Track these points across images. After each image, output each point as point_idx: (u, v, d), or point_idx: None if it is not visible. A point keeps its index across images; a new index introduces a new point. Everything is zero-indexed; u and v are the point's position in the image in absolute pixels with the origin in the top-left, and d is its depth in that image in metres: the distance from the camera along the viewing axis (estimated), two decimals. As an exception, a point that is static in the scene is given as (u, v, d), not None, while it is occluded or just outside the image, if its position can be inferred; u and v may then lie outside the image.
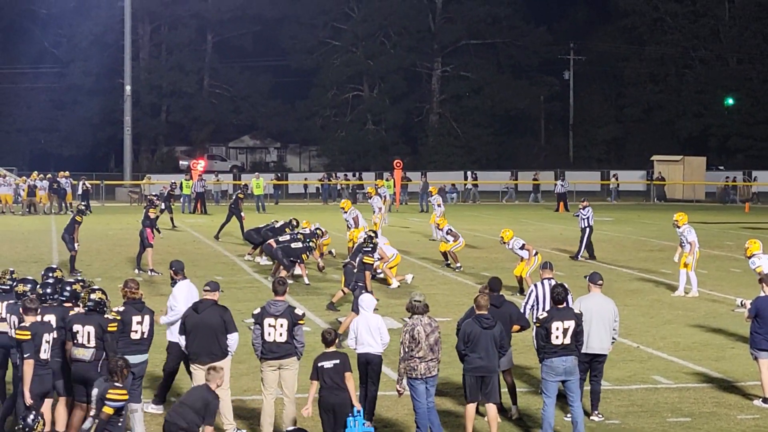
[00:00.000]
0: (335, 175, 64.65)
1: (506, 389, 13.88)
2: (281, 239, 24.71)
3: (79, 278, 14.41)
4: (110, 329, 12.15)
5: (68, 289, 12.84)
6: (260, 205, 49.92)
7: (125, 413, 10.73)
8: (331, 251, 28.36)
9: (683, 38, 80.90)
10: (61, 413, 12.45)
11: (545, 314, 12.78)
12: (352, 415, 11.61)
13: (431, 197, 39.55)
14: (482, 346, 12.41)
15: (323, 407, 11.85)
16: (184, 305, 13.72)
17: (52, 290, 12.81)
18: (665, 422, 13.62)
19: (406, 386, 12.59)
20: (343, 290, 20.51)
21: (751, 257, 19.77)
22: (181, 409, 10.66)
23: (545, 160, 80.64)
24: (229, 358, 12.83)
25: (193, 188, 50.42)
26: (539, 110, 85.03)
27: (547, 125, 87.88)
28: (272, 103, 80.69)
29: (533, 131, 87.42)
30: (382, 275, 24.68)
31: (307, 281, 24.43)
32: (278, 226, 27.43)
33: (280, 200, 58.58)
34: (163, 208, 36.15)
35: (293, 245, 24.20)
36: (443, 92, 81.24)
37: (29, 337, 11.63)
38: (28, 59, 75.05)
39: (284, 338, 12.50)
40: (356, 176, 65.52)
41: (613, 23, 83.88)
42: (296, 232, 25.43)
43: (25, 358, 11.60)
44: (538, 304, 14.76)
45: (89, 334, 12.05)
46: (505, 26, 79.59)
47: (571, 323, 12.56)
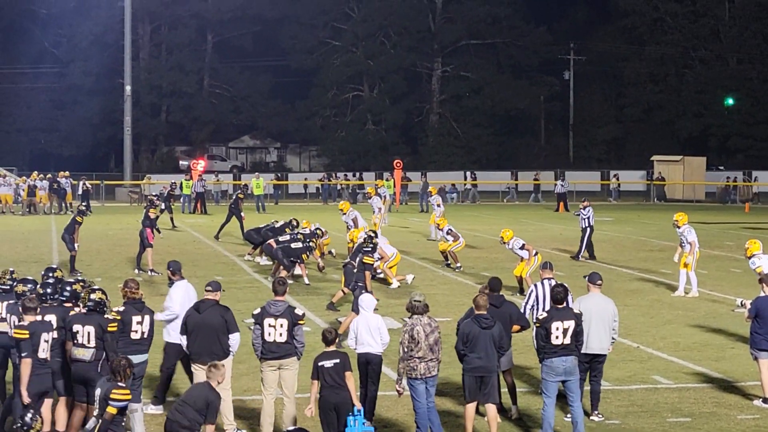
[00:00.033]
0: (335, 175, 64.66)
1: (506, 389, 13.89)
2: (281, 239, 24.72)
3: (79, 278, 14.41)
4: (110, 329, 12.16)
5: (68, 289, 12.85)
6: (260, 205, 49.92)
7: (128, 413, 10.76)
8: (331, 251, 28.37)
9: (683, 38, 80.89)
10: (61, 413, 12.46)
11: (545, 314, 12.78)
12: (352, 414, 11.61)
13: (431, 197, 39.54)
14: (481, 346, 12.41)
15: (325, 406, 11.86)
16: (179, 305, 13.75)
17: (52, 290, 12.82)
18: (665, 422, 13.62)
19: (405, 386, 12.59)
20: (343, 290, 20.52)
21: (751, 257, 19.77)
22: (182, 407, 10.68)
23: (545, 160, 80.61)
24: (230, 358, 12.85)
25: (193, 188, 50.43)
26: (539, 110, 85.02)
27: (547, 125, 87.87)
28: (272, 103, 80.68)
29: (533, 131, 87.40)
30: (382, 275, 24.70)
31: (307, 281, 24.45)
32: (278, 226, 27.43)
33: (280, 200, 58.59)
34: (163, 208, 36.14)
35: (293, 245, 24.22)
36: (443, 92, 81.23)
37: (27, 336, 11.65)
38: (28, 59, 75.06)
39: (284, 338, 12.51)
40: (356, 176, 65.52)
41: (613, 23, 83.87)
42: (296, 232, 25.44)
43: (22, 357, 11.62)
44: (538, 304, 14.76)
45: (89, 334, 12.05)
46: (505, 26, 79.59)
47: (570, 323, 12.56)
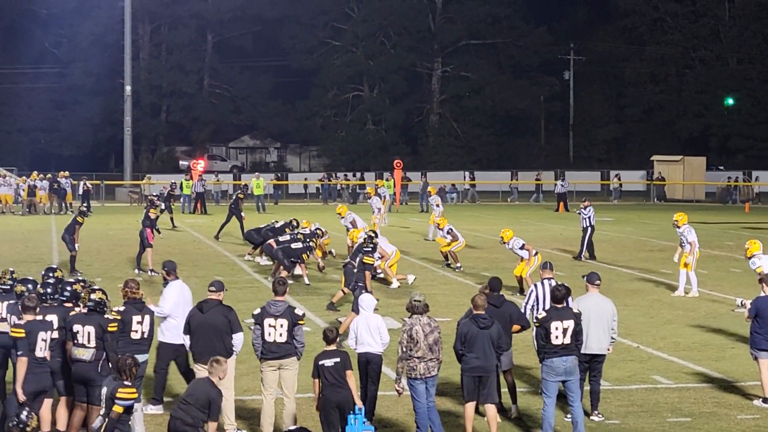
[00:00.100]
0: (335, 175, 64.65)
1: (506, 389, 13.89)
2: (281, 239, 24.73)
3: (79, 278, 14.41)
4: (110, 329, 12.17)
5: (69, 289, 12.86)
6: (260, 205, 49.92)
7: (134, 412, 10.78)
8: (331, 251, 28.34)
9: (683, 38, 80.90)
10: (62, 413, 12.47)
11: (544, 314, 12.78)
12: (353, 413, 11.62)
13: (430, 197, 39.54)
14: (479, 346, 12.41)
15: (326, 405, 11.86)
16: (170, 306, 13.75)
17: (52, 290, 12.83)
18: (665, 422, 13.62)
19: (405, 386, 12.59)
20: (343, 290, 20.53)
21: (751, 258, 19.76)
22: (185, 405, 10.75)
23: (545, 160, 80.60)
24: (233, 357, 12.85)
25: (193, 188, 50.42)
26: (539, 110, 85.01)
27: (547, 125, 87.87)
28: (272, 103, 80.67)
29: (533, 131, 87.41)
30: (382, 275, 24.70)
31: (307, 281, 24.45)
32: (278, 226, 27.43)
33: (280, 200, 58.56)
34: (163, 208, 36.14)
35: (293, 245, 24.22)
36: (443, 92, 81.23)
37: (23, 335, 11.69)
38: (28, 59, 75.08)
39: (284, 338, 12.51)
40: (356, 176, 65.51)
41: (613, 23, 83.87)
42: (296, 232, 25.44)
43: (18, 355, 11.65)
44: (538, 304, 14.75)
45: (89, 334, 12.06)
46: (505, 26, 79.59)
47: (570, 323, 12.55)
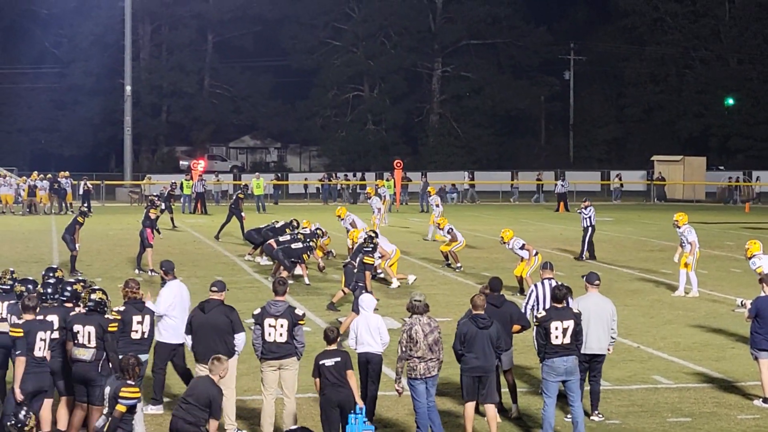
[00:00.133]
0: (335, 175, 64.63)
1: (507, 389, 13.89)
2: (282, 239, 24.73)
3: (79, 278, 14.42)
4: (111, 329, 12.17)
5: (69, 289, 12.86)
6: (260, 205, 49.92)
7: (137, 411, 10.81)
8: (331, 251, 28.29)
9: (683, 38, 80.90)
10: (62, 413, 12.48)
11: (543, 314, 12.77)
12: (354, 412, 11.62)
13: (429, 197, 39.52)
14: (478, 346, 12.41)
15: (327, 404, 11.87)
16: (165, 306, 13.72)
17: (53, 290, 12.83)
18: (665, 422, 13.62)
19: (405, 386, 12.59)
20: (343, 290, 20.53)
21: (751, 258, 19.75)
22: (186, 405, 10.79)
23: (545, 160, 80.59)
24: (235, 357, 12.85)
25: (193, 188, 50.42)
26: (540, 110, 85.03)
27: (547, 125, 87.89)
28: (273, 103, 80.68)
29: (534, 131, 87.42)
30: (382, 275, 24.70)
31: (307, 281, 24.45)
32: (279, 226, 27.43)
33: (280, 200, 58.53)
34: (163, 208, 36.14)
35: (294, 246, 24.22)
36: (444, 92, 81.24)
37: (21, 334, 11.71)
38: (28, 59, 75.08)
39: (284, 338, 12.51)
40: (356, 177, 65.50)
41: (613, 23, 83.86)
42: (297, 232, 25.44)
43: (17, 355, 11.67)
44: (538, 304, 14.75)
45: (90, 334, 12.06)
46: (505, 26, 79.59)
47: (570, 323, 12.54)
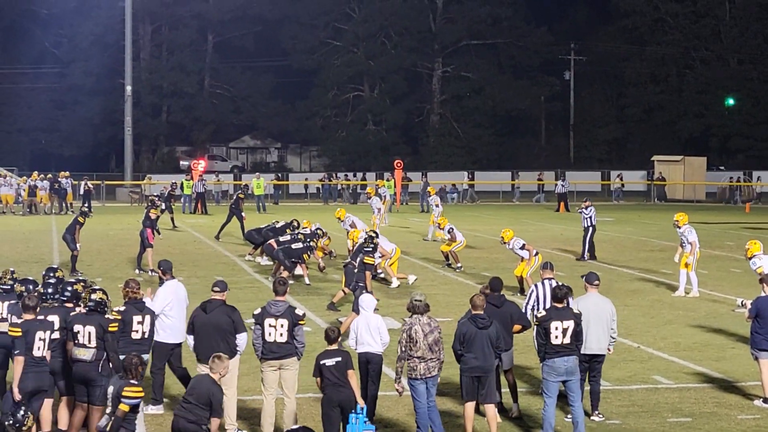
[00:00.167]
0: (336, 175, 64.62)
1: (507, 389, 13.88)
2: (282, 239, 24.73)
3: (80, 278, 14.42)
4: (111, 329, 12.17)
5: (69, 289, 12.86)
6: (261, 205, 49.93)
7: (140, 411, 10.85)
8: (332, 252, 28.24)
9: (684, 38, 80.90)
10: (63, 413, 12.48)
11: (544, 313, 12.77)
12: (354, 411, 11.62)
13: (429, 197, 39.51)
14: (478, 346, 12.41)
15: (328, 404, 11.87)
16: (161, 305, 13.69)
17: (53, 290, 12.83)
18: (666, 422, 13.62)
19: (405, 385, 12.59)
20: (343, 290, 20.53)
21: (751, 258, 19.75)
22: (187, 404, 10.84)
23: (546, 160, 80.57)
24: (237, 358, 12.85)
25: (193, 188, 50.44)
26: (540, 110, 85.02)
27: (547, 125, 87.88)
28: (273, 103, 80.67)
29: (534, 131, 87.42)
30: (382, 275, 24.70)
31: (307, 281, 24.46)
32: (279, 226, 27.42)
33: (280, 200, 58.50)
34: (163, 208, 36.15)
35: (294, 246, 24.22)
36: (444, 92, 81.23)
37: (20, 334, 11.73)
38: (28, 59, 75.08)
39: (285, 338, 12.51)
40: (357, 177, 65.47)
41: (613, 23, 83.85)
42: (297, 232, 25.44)
43: (15, 354, 11.68)
44: (538, 304, 14.74)
45: (90, 334, 12.06)
46: (505, 26, 79.59)
47: (570, 323, 12.54)
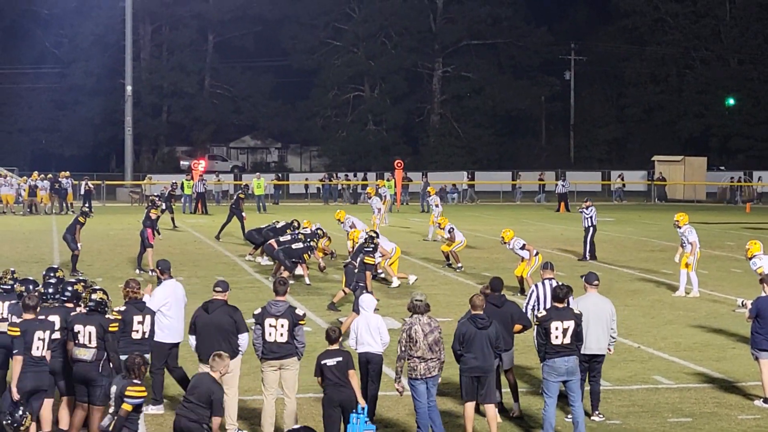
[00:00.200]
0: (336, 175, 64.63)
1: (507, 388, 13.88)
2: (282, 240, 24.74)
3: (80, 278, 14.42)
4: (111, 329, 12.17)
5: (70, 289, 12.87)
6: (261, 205, 49.94)
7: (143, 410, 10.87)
8: (333, 252, 28.21)
9: (684, 38, 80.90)
10: (63, 413, 12.49)
11: (544, 313, 12.77)
12: (355, 411, 11.62)
13: (429, 197, 39.52)
14: (477, 346, 12.41)
15: (329, 404, 11.87)
16: (157, 304, 13.67)
17: (54, 290, 12.84)
18: (666, 422, 13.62)
19: (405, 385, 12.59)
20: (344, 290, 20.54)
21: (751, 258, 19.75)
22: (189, 403, 10.86)
23: (546, 160, 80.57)
24: (239, 358, 12.85)
25: (194, 188, 50.45)
26: (540, 110, 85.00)
27: (548, 125, 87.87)
28: (273, 103, 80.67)
29: (534, 131, 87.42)
30: (383, 275, 24.69)
31: (308, 281, 24.46)
32: (280, 226, 27.42)
33: (280, 200, 58.48)
34: (164, 208, 36.16)
35: (294, 246, 24.22)
36: (444, 92, 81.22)
37: (18, 333, 11.74)
38: (29, 59, 75.08)
39: (285, 338, 12.51)
40: (358, 176, 65.45)
41: (613, 23, 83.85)
42: (297, 232, 25.44)
43: (14, 354, 11.69)
44: (539, 304, 14.73)
45: (90, 334, 12.06)
46: (506, 27, 79.60)
47: (570, 323, 12.53)
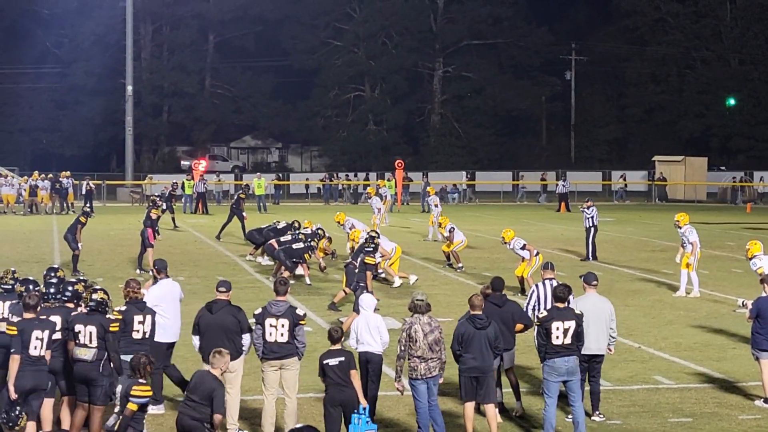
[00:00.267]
0: (336, 175, 64.64)
1: (509, 388, 13.88)
2: (283, 239, 24.75)
3: (81, 278, 14.43)
4: (112, 329, 12.18)
5: (70, 289, 12.88)
6: (261, 205, 49.96)
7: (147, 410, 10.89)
8: (334, 252, 28.22)
9: (685, 39, 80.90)
10: (65, 413, 12.50)
11: (545, 313, 12.77)
12: (357, 412, 11.63)
13: (428, 197, 39.54)
14: (476, 346, 12.41)
15: (330, 404, 11.88)
16: (154, 302, 13.66)
17: (55, 290, 12.84)
18: (666, 422, 13.62)
19: (405, 384, 12.59)
20: (344, 290, 20.55)
21: (752, 258, 19.75)
22: (191, 402, 10.88)
23: (547, 160, 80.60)
24: (242, 358, 12.85)
25: (194, 188, 50.46)
26: (541, 110, 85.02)
27: (548, 125, 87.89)
28: (274, 103, 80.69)
29: (535, 131, 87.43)
30: (383, 275, 24.69)
31: (308, 281, 24.47)
32: (280, 227, 27.43)
33: (281, 200, 58.49)
34: (165, 208, 36.17)
35: (295, 246, 24.23)
36: (445, 92, 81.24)
37: (15, 332, 11.74)
38: (30, 59, 75.08)
39: (285, 338, 12.51)
40: (358, 176, 65.45)
41: (614, 23, 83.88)
42: (298, 232, 25.46)
43: (11, 353, 11.70)
44: (539, 304, 14.74)
45: (91, 334, 12.07)
46: (506, 26, 79.62)
47: (571, 323, 12.53)
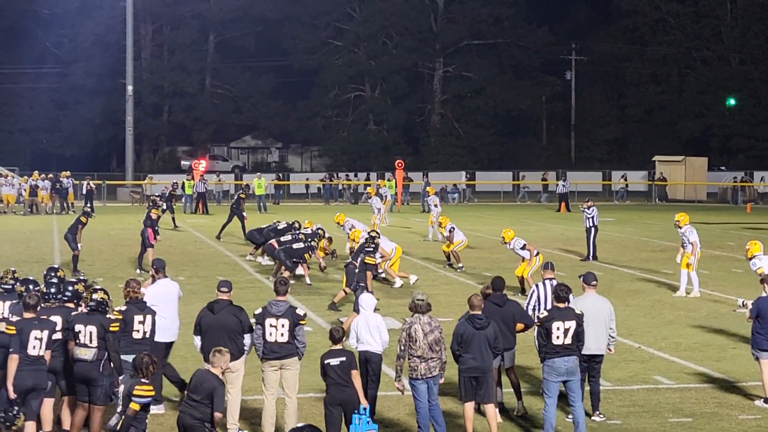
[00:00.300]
0: (337, 175, 64.65)
1: (509, 387, 13.88)
2: (283, 239, 24.75)
3: (81, 278, 14.43)
4: (112, 329, 12.19)
5: (70, 289, 12.88)
6: (262, 205, 49.97)
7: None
8: (334, 252, 28.21)
9: (685, 39, 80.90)
10: (66, 413, 12.50)
11: (546, 313, 12.77)
12: (358, 412, 11.63)
13: (428, 197, 39.54)
14: (475, 346, 12.41)
15: (331, 403, 11.88)
16: (152, 301, 13.63)
17: (55, 290, 12.85)
18: (667, 423, 13.62)
19: (406, 384, 12.60)
20: (344, 290, 20.55)
21: (751, 259, 19.75)
22: (192, 402, 10.90)
23: (547, 160, 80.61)
24: (243, 358, 12.86)
25: (194, 188, 50.47)
26: (541, 110, 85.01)
27: (548, 125, 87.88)
28: (274, 103, 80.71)
29: (535, 131, 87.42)
30: (384, 275, 24.68)
31: (309, 281, 24.47)
32: (281, 227, 27.43)
33: (281, 200, 58.49)
34: (165, 208, 36.18)
35: (295, 246, 24.24)
36: (445, 92, 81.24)
37: (13, 332, 11.75)
38: (30, 59, 75.10)
39: (285, 338, 12.52)
40: (358, 176, 65.46)
41: (614, 23, 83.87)
42: (298, 232, 25.46)
43: (10, 352, 11.71)
44: (539, 304, 14.75)
45: (91, 334, 12.08)
46: (506, 26, 79.62)
47: (572, 323, 12.54)
